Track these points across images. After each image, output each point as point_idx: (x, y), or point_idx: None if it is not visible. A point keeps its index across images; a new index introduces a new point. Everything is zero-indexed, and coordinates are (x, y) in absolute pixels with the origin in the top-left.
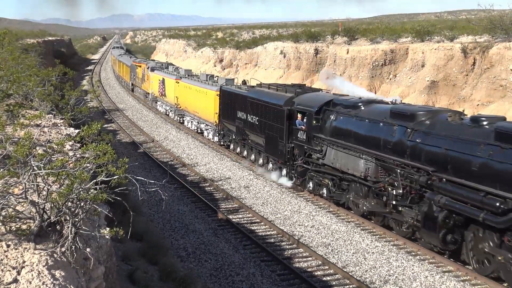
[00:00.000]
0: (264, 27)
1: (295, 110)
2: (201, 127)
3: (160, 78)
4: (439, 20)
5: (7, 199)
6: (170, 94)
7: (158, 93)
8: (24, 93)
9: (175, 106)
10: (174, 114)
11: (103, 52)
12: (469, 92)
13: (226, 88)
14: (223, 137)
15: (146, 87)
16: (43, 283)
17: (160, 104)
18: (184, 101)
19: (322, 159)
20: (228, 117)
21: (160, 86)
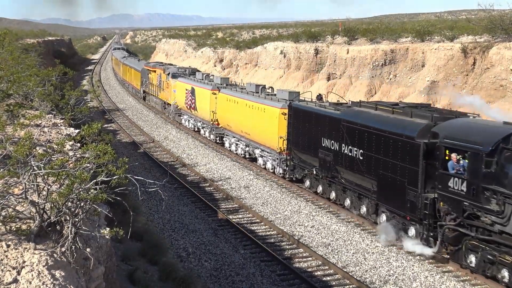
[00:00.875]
0: (264, 27)
1: (443, 146)
2: (254, 153)
3: (187, 87)
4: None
5: (7, 199)
6: (203, 108)
7: (185, 105)
8: (24, 93)
9: (210, 123)
10: (209, 133)
11: (103, 52)
12: (469, 92)
13: (300, 106)
14: (293, 169)
15: (165, 96)
16: (43, 283)
17: (187, 118)
18: (225, 118)
19: (503, 224)
20: (304, 144)
21: (188, 97)
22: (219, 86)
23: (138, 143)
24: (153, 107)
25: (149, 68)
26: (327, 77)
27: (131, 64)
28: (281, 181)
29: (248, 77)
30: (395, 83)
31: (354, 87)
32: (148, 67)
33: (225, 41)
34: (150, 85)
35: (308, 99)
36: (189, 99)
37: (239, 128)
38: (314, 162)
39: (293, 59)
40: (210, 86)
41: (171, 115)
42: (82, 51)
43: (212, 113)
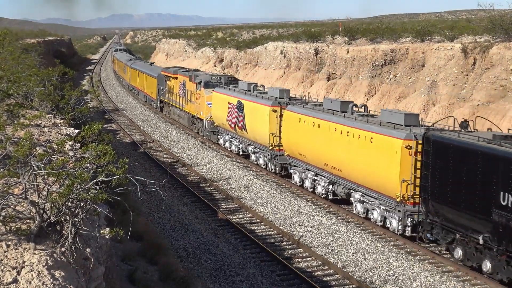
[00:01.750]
0: (264, 27)
1: None
2: (354, 197)
3: (230, 100)
4: (439, 20)
5: (7, 199)
6: (257, 128)
7: (227, 123)
8: (24, 93)
9: (269, 148)
10: (268, 161)
11: (103, 52)
12: (469, 92)
13: (446, 139)
14: (430, 229)
15: (193, 109)
16: (43, 283)
17: (229, 138)
18: (296, 144)
19: None
20: (455, 197)
21: (233, 113)
22: (281, 101)
23: (138, 143)
24: (175, 120)
25: (169, 74)
26: (327, 77)
27: (143, 69)
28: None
29: (248, 77)
30: (395, 83)
31: (354, 87)
32: (167, 73)
33: (225, 41)
34: (169, 94)
35: (441, 124)
36: (233, 115)
37: (321, 160)
38: (477, 226)
39: (293, 59)
40: (269, 101)
41: (203, 133)
42: (82, 51)
43: (273, 136)
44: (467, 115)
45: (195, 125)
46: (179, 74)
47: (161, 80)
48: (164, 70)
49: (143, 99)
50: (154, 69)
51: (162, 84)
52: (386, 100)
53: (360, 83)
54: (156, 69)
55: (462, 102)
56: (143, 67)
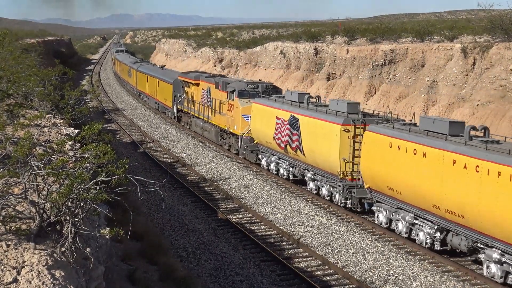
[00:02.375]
0: (264, 27)
1: None
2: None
3: (281, 115)
4: (439, 20)
5: (7, 199)
6: (324, 152)
7: (275, 142)
8: (24, 93)
9: (341, 177)
10: (341, 194)
11: (103, 52)
12: (469, 92)
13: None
14: None
15: (223, 122)
16: (43, 283)
17: (276, 160)
18: (384, 176)
19: None
20: None
21: (283, 130)
22: (354, 119)
23: (138, 143)
24: (198, 134)
25: (188, 80)
26: (327, 77)
27: (155, 73)
28: (281, 180)
29: (248, 77)
30: (395, 83)
31: (354, 87)
32: (186, 78)
33: (225, 41)
34: (189, 102)
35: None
36: (284, 133)
37: (428, 200)
38: None
39: (292, 59)
40: (338, 117)
41: (239, 151)
42: (81, 51)
43: (344, 163)
44: (467, 115)
45: (225, 140)
46: (202, 80)
47: (177, 86)
48: (182, 75)
49: (154, 106)
50: (168, 73)
51: (179, 90)
52: (386, 100)
53: (360, 83)
54: (170, 73)
55: (462, 102)
56: (154, 71)
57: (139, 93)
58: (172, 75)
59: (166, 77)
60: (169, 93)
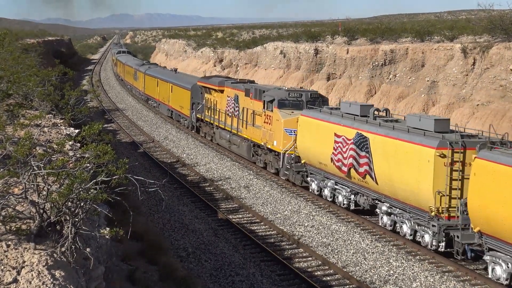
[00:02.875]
0: (264, 27)
1: None
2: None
3: (342, 132)
4: (439, 20)
5: (7, 199)
6: (409, 182)
7: (334, 164)
8: (24, 93)
9: (434, 214)
10: (436, 238)
11: (103, 52)
12: (469, 92)
13: None
14: None
15: (258, 136)
16: (43, 283)
17: (335, 185)
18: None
19: None
20: None
21: (346, 150)
22: (452, 140)
23: (138, 143)
24: (223, 147)
25: (210, 86)
26: (327, 77)
27: (168, 78)
28: (281, 181)
29: (248, 77)
30: (395, 83)
31: (354, 87)
32: (208, 83)
33: (225, 41)
34: (211, 111)
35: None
36: (347, 153)
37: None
38: None
39: (293, 59)
40: (430, 139)
41: (281, 171)
42: (82, 51)
43: (440, 196)
44: (467, 115)
45: (260, 157)
46: (227, 87)
47: (196, 93)
48: (202, 80)
49: (166, 114)
50: (184, 78)
51: (198, 97)
52: (386, 100)
53: (360, 83)
54: (187, 78)
55: (461, 102)
56: (166, 75)
57: (147, 98)
58: (190, 80)
59: (182, 82)
60: (186, 100)
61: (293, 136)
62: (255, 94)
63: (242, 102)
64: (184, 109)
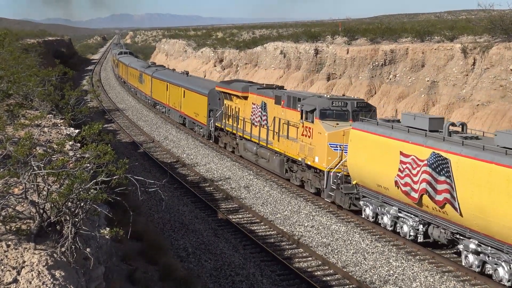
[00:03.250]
0: (264, 27)
1: None
2: None
3: (411, 151)
4: (439, 20)
5: (7, 199)
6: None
7: (400, 189)
8: (24, 93)
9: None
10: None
11: (103, 52)
12: (469, 92)
13: None
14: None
15: (294, 149)
16: (43, 283)
17: (398, 213)
18: None
19: None
20: None
21: (417, 173)
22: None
23: (138, 143)
24: (249, 160)
25: (231, 91)
26: (327, 77)
27: (179, 81)
28: (281, 180)
29: (248, 77)
30: (395, 83)
31: (354, 87)
32: (229, 89)
33: (225, 41)
34: (233, 119)
35: None
36: (418, 177)
37: None
38: None
39: (293, 59)
40: None
41: (321, 189)
42: (82, 51)
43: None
44: (467, 115)
45: (296, 174)
46: (252, 93)
47: (214, 99)
48: (221, 85)
49: (177, 121)
50: (199, 82)
51: (216, 104)
52: (386, 100)
53: (360, 83)
54: (203, 82)
55: (462, 102)
56: (177, 79)
57: (155, 102)
58: (206, 85)
59: (197, 86)
60: (202, 107)
61: (339, 151)
62: (289, 102)
63: (272, 110)
64: (199, 116)
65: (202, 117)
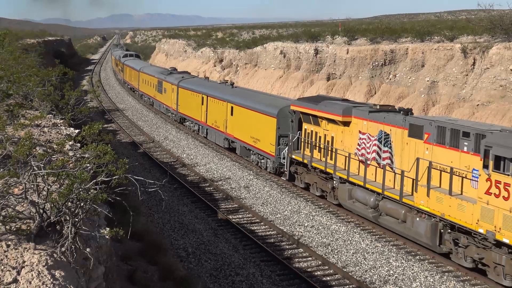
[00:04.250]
0: (264, 27)
1: None
2: None
3: None
4: (439, 20)
5: (7, 199)
6: None
7: None
8: (24, 93)
9: None
10: None
11: (103, 52)
12: (469, 92)
13: None
14: None
15: (464, 214)
16: (43, 283)
17: None
18: None
19: None
20: None
21: None
22: None
23: (138, 143)
24: (359, 214)
25: (321, 114)
26: (327, 77)
27: (227, 96)
28: (281, 181)
29: (248, 77)
30: (395, 83)
31: (354, 87)
32: (317, 110)
33: (225, 41)
34: (322, 151)
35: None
36: None
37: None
38: None
39: (293, 59)
40: None
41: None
42: (82, 51)
43: None
44: (467, 115)
45: (466, 250)
46: (359, 117)
47: (284, 121)
48: (301, 104)
49: (222, 144)
50: (258, 97)
51: (287, 127)
52: (386, 100)
53: (360, 83)
54: (265, 98)
55: (462, 102)
56: (221, 91)
57: (182, 118)
58: (271, 101)
59: (256, 102)
60: (266, 130)
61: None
62: (445, 138)
63: (401, 145)
64: (261, 143)
65: (267, 145)
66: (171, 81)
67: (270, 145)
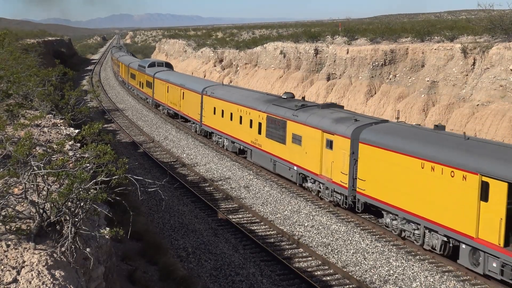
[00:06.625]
0: (264, 27)
1: None
2: None
3: None
4: (439, 20)
5: (7, 199)
6: None
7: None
8: (24, 93)
9: None
10: None
11: (103, 52)
12: (469, 92)
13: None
14: None
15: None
16: (43, 283)
17: None
18: None
19: None
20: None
21: None
22: None
23: (138, 143)
24: None
25: None
26: (327, 77)
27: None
28: (281, 180)
29: (248, 77)
30: (395, 83)
31: (354, 87)
32: None
33: (225, 41)
34: None
35: None
36: None
37: None
38: None
39: (293, 59)
40: None
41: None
42: (82, 51)
43: None
44: (467, 115)
45: None
46: None
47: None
48: None
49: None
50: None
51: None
52: (386, 100)
53: (360, 83)
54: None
55: (461, 102)
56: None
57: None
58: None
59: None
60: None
61: None
62: None
63: None
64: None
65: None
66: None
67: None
